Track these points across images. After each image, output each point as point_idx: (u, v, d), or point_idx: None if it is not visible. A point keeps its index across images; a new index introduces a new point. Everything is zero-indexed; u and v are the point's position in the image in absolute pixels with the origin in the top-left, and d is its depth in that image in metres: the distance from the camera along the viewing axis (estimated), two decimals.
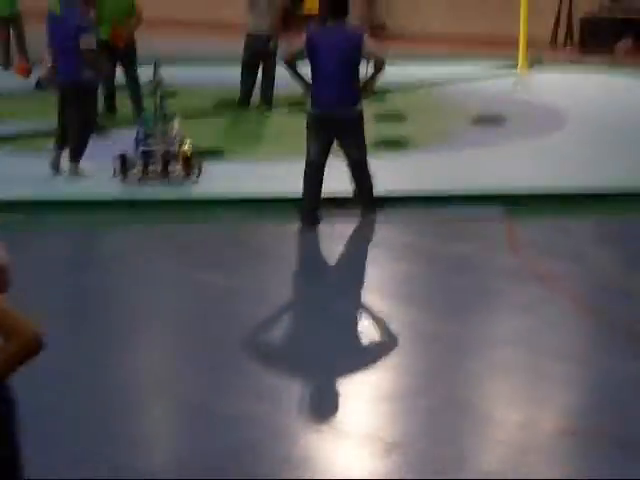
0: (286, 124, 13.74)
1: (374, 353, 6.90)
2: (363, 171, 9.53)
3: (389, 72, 9.70)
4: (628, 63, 18.58)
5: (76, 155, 10.79)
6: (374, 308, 7.73)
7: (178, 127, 10.88)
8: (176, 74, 16.57)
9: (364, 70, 9.45)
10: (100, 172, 10.68)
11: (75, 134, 10.82)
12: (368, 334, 7.30)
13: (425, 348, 6.86)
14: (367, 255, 9.31)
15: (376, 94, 11.76)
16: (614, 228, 9.74)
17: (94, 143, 10.99)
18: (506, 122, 13.69)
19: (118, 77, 13.85)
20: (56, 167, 10.82)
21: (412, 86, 16.44)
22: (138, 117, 12.12)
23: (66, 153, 10.84)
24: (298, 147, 9.98)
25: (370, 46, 9.36)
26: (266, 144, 12.97)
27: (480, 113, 14.05)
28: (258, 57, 14.45)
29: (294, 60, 9.47)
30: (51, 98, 10.99)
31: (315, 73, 9.32)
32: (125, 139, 11.07)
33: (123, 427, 5.66)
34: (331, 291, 8.22)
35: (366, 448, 5.44)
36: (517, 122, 13.72)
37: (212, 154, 11.57)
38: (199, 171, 10.64)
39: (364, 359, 6.73)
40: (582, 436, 5.68)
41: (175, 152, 10.64)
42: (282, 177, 10.59)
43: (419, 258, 8.73)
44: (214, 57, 17.93)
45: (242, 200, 10.05)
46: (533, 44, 18.02)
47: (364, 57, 9.35)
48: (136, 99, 13.73)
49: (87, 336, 7.03)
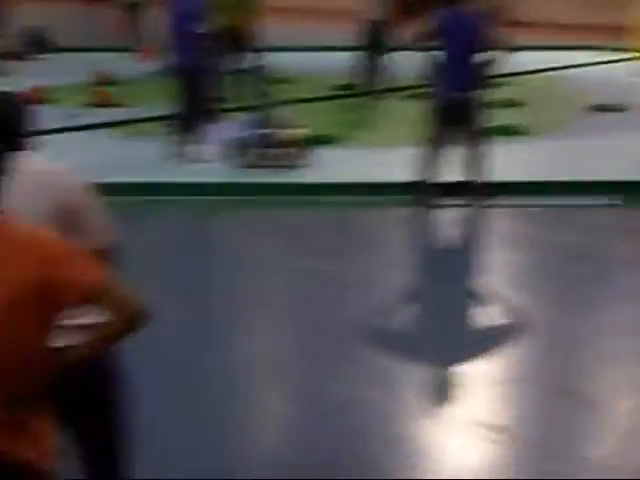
0: (400, 110, 13.70)
1: (485, 340, 6.80)
2: (478, 157, 9.44)
3: (509, 59, 9.57)
4: None
5: (192, 139, 10.95)
6: (485, 296, 7.64)
7: (289, 113, 10.93)
8: (291, 61, 16.74)
9: (488, 56, 9.36)
10: (214, 156, 10.84)
11: (191, 119, 10.98)
12: (479, 321, 7.23)
13: (537, 336, 6.73)
14: (478, 242, 9.20)
15: (496, 80, 11.63)
16: None
17: (209, 128, 11.13)
18: (624, 110, 13.39)
19: (236, 63, 13.99)
20: (173, 151, 10.99)
21: (531, 73, 16.22)
22: (254, 103, 12.22)
23: (183, 137, 11.00)
24: (411, 133, 9.90)
25: (495, 32, 9.32)
26: (379, 130, 12.93)
27: (598, 101, 13.77)
28: (374, 44, 14.44)
29: (421, 42, 9.44)
30: (170, 83, 11.13)
31: (442, 56, 9.29)
32: (239, 124, 11.16)
33: (232, 411, 5.66)
34: (440, 278, 8.14)
35: (475, 434, 5.37)
36: (636, 111, 13.41)
37: (324, 140, 11.59)
38: (309, 157, 10.68)
39: (475, 346, 6.63)
40: None
41: (286, 138, 10.70)
42: (394, 163, 10.54)
43: (532, 246, 8.60)
44: (328, 44, 17.98)
45: (353, 185, 10.05)
46: None
47: (488, 43, 9.28)
48: (253, 85, 13.86)
49: (197, 319, 7.08)
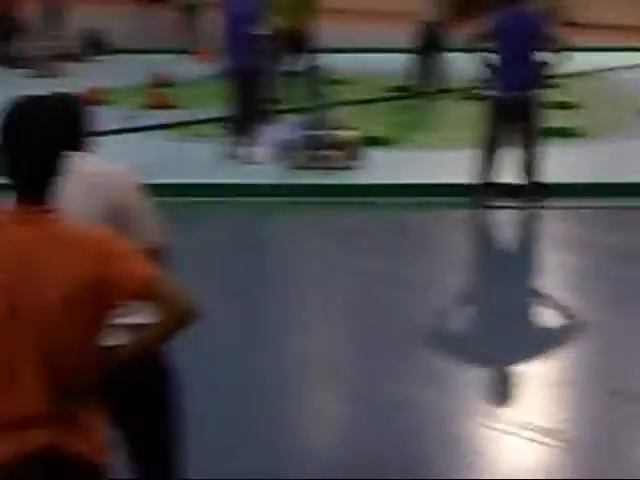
0: (454, 112, 13.66)
1: (540, 342, 6.75)
2: (532, 158, 9.38)
3: (567, 60, 9.49)
4: None
5: (245, 140, 11.01)
6: (538, 297, 7.61)
7: (343, 114, 10.95)
8: (346, 62, 16.76)
9: (546, 56, 9.32)
10: (266, 157, 10.89)
11: (245, 120, 11.03)
12: (533, 323, 7.20)
13: (592, 338, 6.67)
14: (532, 244, 9.17)
15: (552, 81, 11.57)
16: None
17: (263, 129, 11.18)
18: None
19: (292, 65, 14.05)
20: (227, 152, 11.06)
21: (586, 75, 16.09)
22: (308, 105, 12.26)
23: (236, 139, 11.07)
24: (467, 135, 9.87)
25: (554, 32, 9.29)
26: (434, 132, 12.89)
27: None
28: (429, 46, 14.43)
29: (477, 42, 9.42)
30: (225, 85, 11.20)
31: (499, 56, 9.26)
32: (292, 126, 11.20)
33: (285, 411, 5.65)
34: (494, 280, 8.11)
35: (530, 435, 5.33)
36: None
37: (378, 142, 11.60)
38: (362, 158, 10.69)
39: (529, 348, 6.59)
40: None
41: (339, 139, 10.71)
42: (449, 165, 10.53)
43: (585, 248, 8.54)
44: (384, 45, 17.99)
45: (407, 187, 10.03)
46: None
47: (547, 43, 9.24)
48: (307, 87, 13.91)
49: (250, 320, 7.07)
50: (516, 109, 9.21)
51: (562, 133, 11.83)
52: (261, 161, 10.89)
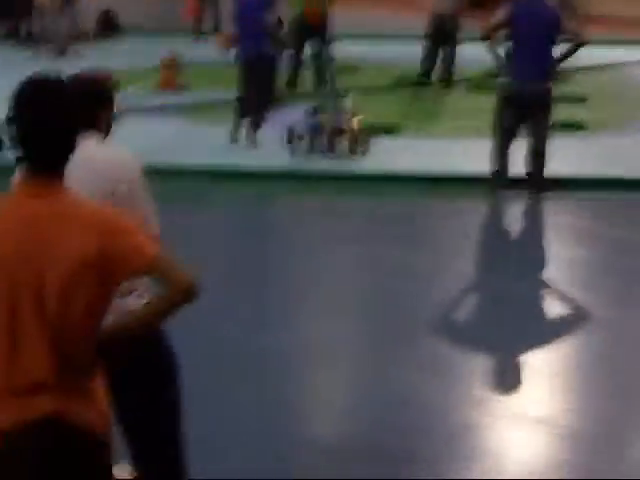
0: (464, 102, 13.66)
1: (544, 332, 6.78)
2: (540, 150, 9.41)
3: (582, 52, 9.50)
4: None
5: (253, 126, 11.04)
6: (544, 288, 7.64)
7: (350, 102, 10.97)
8: (359, 49, 16.76)
9: (562, 48, 9.33)
10: (272, 144, 10.90)
11: (254, 106, 11.06)
12: (538, 313, 7.20)
13: (598, 330, 6.66)
14: (539, 235, 9.18)
15: (565, 74, 11.60)
16: None
17: (274, 114, 11.21)
18: None
19: (305, 51, 14.08)
20: (236, 136, 11.09)
21: (596, 69, 16.05)
22: (319, 90, 12.30)
23: (247, 123, 11.10)
24: (475, 125, 9.89)
25: (571, 25, 9.34)
26: (443, 121, 12.90)
27: None
28: (441, 35, 14.43)
29: (491, 33, 9.44)
30: (238, 69, 11.20)
31: (514, 46, 9.28)
32: (303, 111, 11.23)
33: (288, 396, 5.62)
34: (500, 269, 8.11)
35: (532, 424, 5.36)
36: None
37: (387, 130, 11.62)
38: (371, 145, 10.71)
39: (534, 337, 6.61)
40: None
41: (344, 127, 10.74)
42: (459, 154, 10.54)
43: (592, 239, 8.56)
44: (397, 33, 17.96)
45: (413, 175, 10.04)
46: None
47: (563, 35, 9.26)
48: (319, 73, 13.99)
49: (253, 304, 7.03)
50: (530, 100, 9.22)
51: (571, 126, 11.83)
52: (266, 147, 10.91)
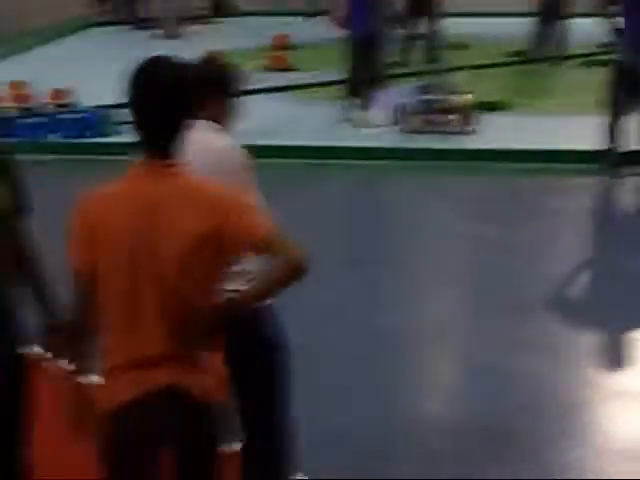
0: (575, 78, 13.49)
1: None
2: None
3: None
4: None
5: (362, 104, 11.11)
6: None
7: (461, 79, 10.95)
8: (467, 27, 16.67)
9: None
10: (383, 121, 10.95)
11: (363, 84, 11.13)
12: None
13: None
14: None
15: None
16: None
17: (380, 93, 11.25)
18: None
19: (413, 29, 14.09)
20: (344, 115, 11.19)
21: None
22: (426, 69, 12.30)
23: (353, 102, 11.18)
24: (587, 101, 9.73)
25: None
26: (554, 97, 12.72)
27: None
28: (552, 11, 14.27)
29: (602, 7, 9.31)
30: (346, 48, 11.23)
31: (626, 20, 9.11)
32: (408, 90, 11.24)
33: (400, 375, 5.64)
34: (615, 248, 7.95)
35: None
36: None
37: (497, 106, 11.57)
38: (478, 123, 10.69)
39: None
40: None
41: (455, 104, 10.75)
42: (568, 131, 10.44)
43: None
44: (505, 10, 17.79)
45: (520, 152, 9.99)
46: None
47: None
48: (427, 51, 13.98)
49: (363, 283, 7.02)
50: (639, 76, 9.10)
51: None
52: (377, 125, 10.99)
